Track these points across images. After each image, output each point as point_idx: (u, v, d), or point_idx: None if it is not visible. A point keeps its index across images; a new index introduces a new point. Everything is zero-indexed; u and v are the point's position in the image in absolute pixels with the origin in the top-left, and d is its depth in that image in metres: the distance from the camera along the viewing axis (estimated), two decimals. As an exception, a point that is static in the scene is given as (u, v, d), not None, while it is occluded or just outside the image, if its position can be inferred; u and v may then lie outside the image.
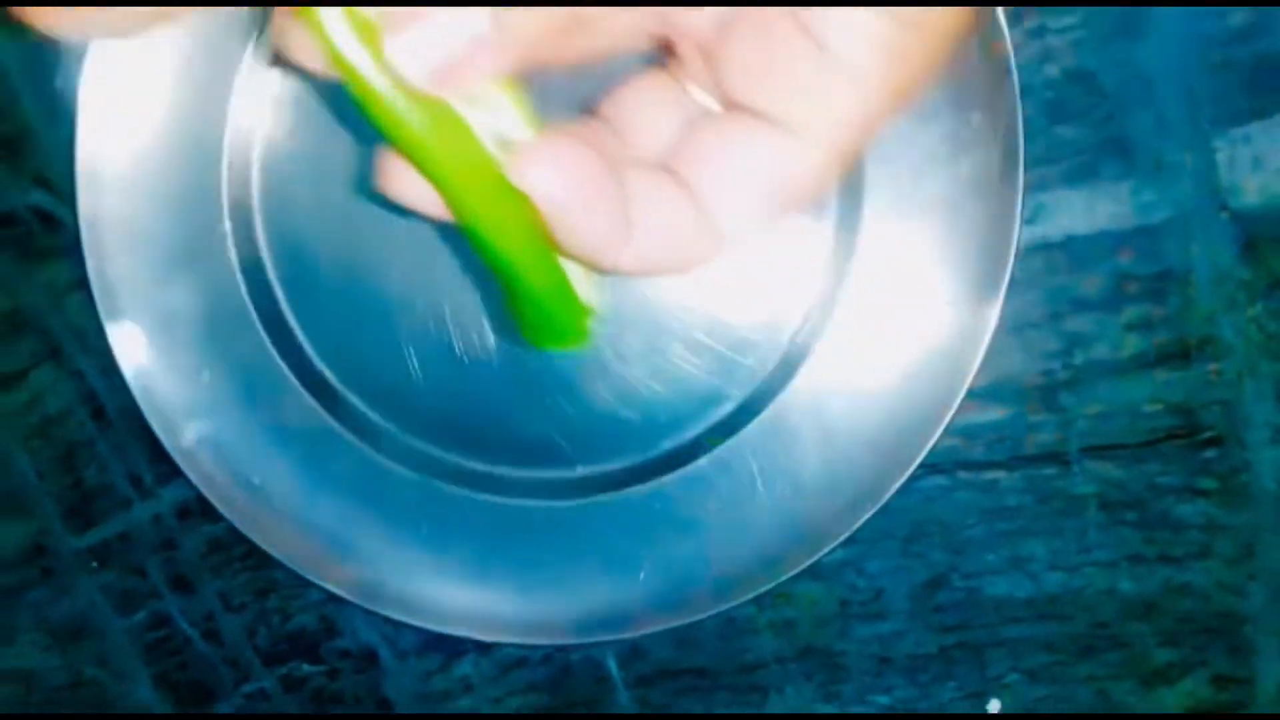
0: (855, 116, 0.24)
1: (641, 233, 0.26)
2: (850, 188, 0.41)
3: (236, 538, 0.43)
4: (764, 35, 0.24)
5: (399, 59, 0.23)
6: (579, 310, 0.29)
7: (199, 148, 0.42)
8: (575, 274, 0.28)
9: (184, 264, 0.42)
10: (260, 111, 0.42)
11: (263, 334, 0.43)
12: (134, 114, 0.41)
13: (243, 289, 0.42)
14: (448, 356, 0.43)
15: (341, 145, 0.42)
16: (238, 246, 0.42)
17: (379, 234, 0.42)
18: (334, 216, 0.42)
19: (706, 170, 0.26)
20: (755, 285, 0.42)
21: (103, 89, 0.41)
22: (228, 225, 0.42)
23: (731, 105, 0.26)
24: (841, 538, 0.41)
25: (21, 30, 0.22)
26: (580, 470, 0.44)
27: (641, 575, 0.42)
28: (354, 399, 0.44)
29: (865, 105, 0.24)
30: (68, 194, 0.42)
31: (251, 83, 0.42)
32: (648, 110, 0.28)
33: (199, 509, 0.45)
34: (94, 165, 0.41)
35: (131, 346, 0.42)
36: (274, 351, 0.43)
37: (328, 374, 0.43)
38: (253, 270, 0.43)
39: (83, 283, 0.42)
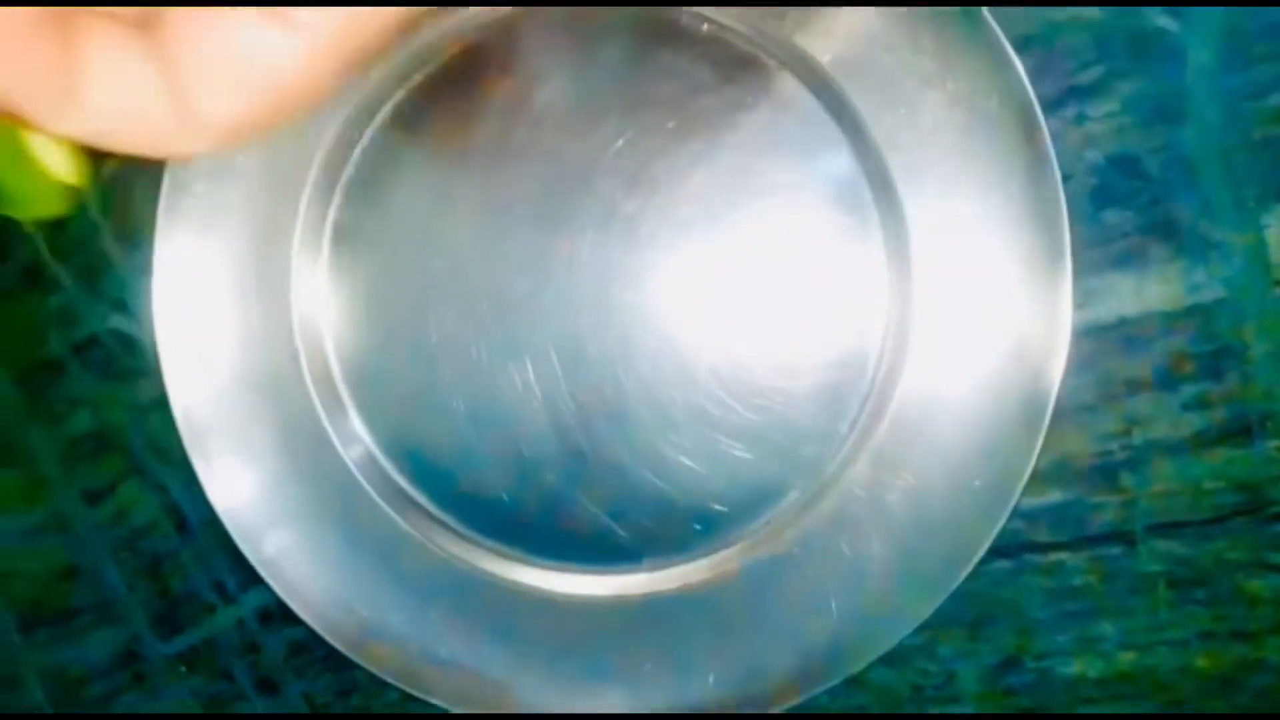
0: (355, 13, 0.21)
1: (94, 94, 0.21)
2: (899, 278, 0.41)
3: (317, 640, 0.44)
4: None
5: None
6: (37, 174, 0.24)
7: (270, 270, 0.43)
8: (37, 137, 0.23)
9: (259, 382, 0.44)
10: (325, 234, 0.44)
11: (337, 446, 0.44)
12: (207, 241, 0.43)
13: (317, 404, 0.44)
14: (512, 458, 0.44)
15: (412, 261, 0.43)
16: (310, 364, 0.44)
17: (447, 349, 0.43)
18: (403, 331, 0.44)
19: (187, 40, 0.22)
20: (809, 376, 0.43)
21: (177, 219, 0.42)
22: (299, 344, 0.44)
23: None
24: (910, 628, 0.41)
25: (101, 165, 0.22)
26: (646, 564, 0.44)
27: (711, 679, 0.43)
28: (426, 504, 0.45)
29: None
30: (145, 318, 0.44)
31: (316, 209, 0.43)
32: None
33: (280, 613, 0.46)
34: (169, 291, 0.43)
35: (211, 462, 0.44)
36: (349, 462, 0.44)
37: (400, 481, 0.45)
38: (325, 386, 0.44)
39: (163, 402, 0.43)
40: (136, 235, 0.45)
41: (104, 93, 0.21)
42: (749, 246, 0.42)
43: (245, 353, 0.43)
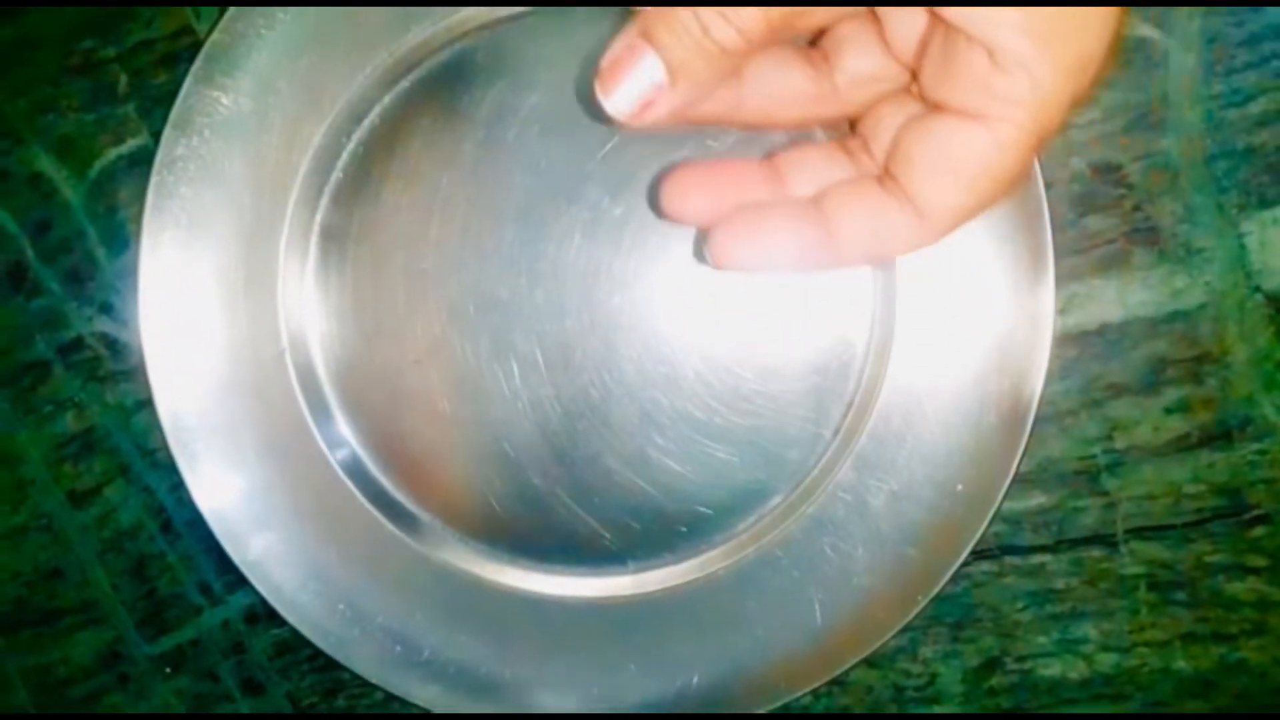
0: (1025, 92, 0.26)
1: (845, 237, 0.29)
2: (883, 283, 0.42)
3: (303, 640, 0.45)
4: (946, 45, 0.27)
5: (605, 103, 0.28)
6: None
7: (256, 273, 0.43)
8: None
9: (245, 384, 0.44)
10: (312, 237, 0.44)
11: (323, 448, 0.44)
12: (193, 244, 0.43)
13: (303, 406, 0.44)
14: (499, 461, 0.44)
15: (399, 264, 0.43)
16: (296, 366, 0.44)
17: (433, 351, 0.43)
18: (390, 334, 0.44)
19: (915, 166, 0.28)
20: (794, 381, 0.43)
21: (164, 222, 0.43)
22: (286, 346, 0.44)
23: (932, 106, 0.28)
24: (893, 630, 0.42)
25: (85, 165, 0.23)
26: (631, 566, 0.44)
27: (695, 679, 0.43)
28: (411, 506, 0.45)
29: (1031, 80, 0.26)
30: (131, 320, 0.44)
31: (304, 212, 0.43)
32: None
33: (265, 613, 0.46)
34: (155, 294, 0.43)
35: (196, 464, 0.44)
36: (334, 464, 0.44)
37: (385, 483, 0.45)
38: (312, 388, 0.44)
39: (149, 403, 0.44)
40: (123, 238, 0.46)
41: (851, 231, 0.29)
42: (734, 251, 0.42)
43: (231, 355, 0.43)
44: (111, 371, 0.47)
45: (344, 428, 0.45)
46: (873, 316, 0.42)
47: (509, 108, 0.42)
